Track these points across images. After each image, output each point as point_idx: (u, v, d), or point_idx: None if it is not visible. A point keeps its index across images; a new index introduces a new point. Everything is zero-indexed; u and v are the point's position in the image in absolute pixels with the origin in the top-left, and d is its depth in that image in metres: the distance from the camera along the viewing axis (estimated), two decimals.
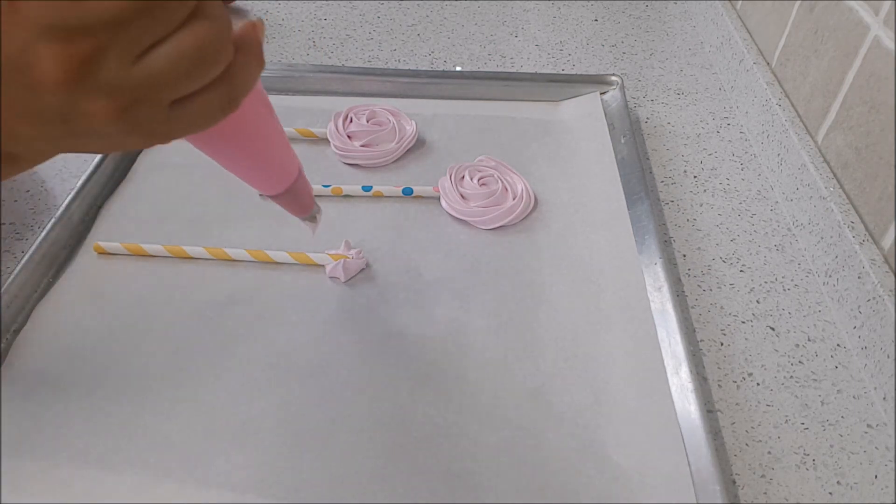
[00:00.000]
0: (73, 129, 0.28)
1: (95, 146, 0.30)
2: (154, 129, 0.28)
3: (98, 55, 0.25)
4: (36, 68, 0.25)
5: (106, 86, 0.26)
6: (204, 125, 0.29)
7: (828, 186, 0.54)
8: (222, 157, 0.37)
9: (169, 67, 0.26)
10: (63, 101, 0.26)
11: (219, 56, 0.27)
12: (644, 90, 0.75)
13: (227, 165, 0.38)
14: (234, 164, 0.38)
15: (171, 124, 0.28)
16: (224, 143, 0.36)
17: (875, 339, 0.47)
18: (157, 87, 0.26)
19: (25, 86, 0.26)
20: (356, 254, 0.52)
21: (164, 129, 0.28)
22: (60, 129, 0.28)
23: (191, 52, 0.26)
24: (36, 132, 0.28)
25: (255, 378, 0.46)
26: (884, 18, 0.50)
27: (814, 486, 0.42)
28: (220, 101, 0.29)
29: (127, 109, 0.27)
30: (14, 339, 0.48)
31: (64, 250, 0.54)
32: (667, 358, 0.46)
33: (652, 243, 0.53)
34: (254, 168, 0.39)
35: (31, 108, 0.27)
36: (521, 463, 0.42)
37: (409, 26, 0.85)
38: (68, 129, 0.28)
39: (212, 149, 0.36)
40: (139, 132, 0.28)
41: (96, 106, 0.26)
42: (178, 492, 0.40)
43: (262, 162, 0.39)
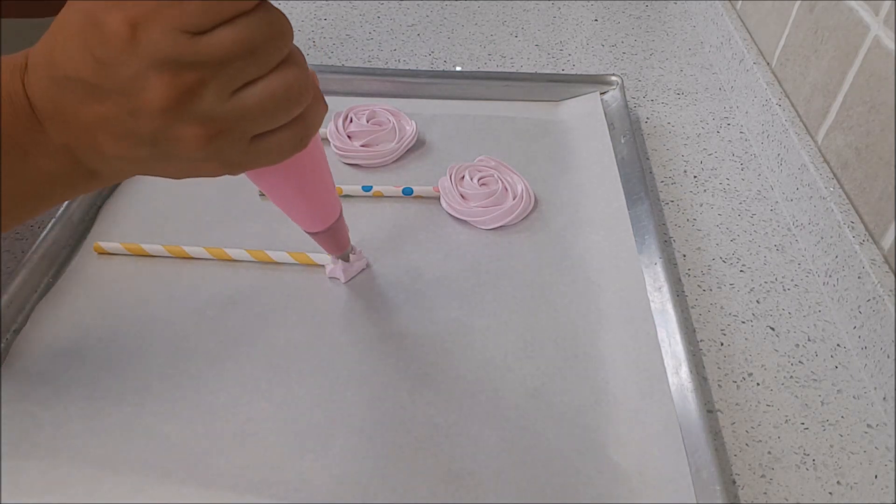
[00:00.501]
0: (160, 152, 0.30)
1: (172, 170, 0.32)
2: (233, 159, 0.31)
3: (200, 88, 0.28)
4: (144, 94, 0.28)
5: (201, 115, 0.28)
6: (276, 160, 0.32)
7: (828, 186, 0.54)
8: (276, 192, 0.40)
9: (259, 105, 0.29)
10: (159, 125, 0.29)
11: (301, 99, 0.30)
12: (644, 90, 0.75)
13: (278, 200, 0.41)
14: (285, 200, 0.41)
15: (249, 156, 0.31)
16: (281, 180, 0.39)
17: (875, 339, 0.47)
18: (245, 121, 0.29)
19: (128, 109, 0.28)
20: (357, 254, 0.52)
21: (242, 160, 0.31)
22: (147, 151, 0.30)
23: (279, 94, 0.29)
24: (123, 152, 0.31)
25: (255, 378, 0.46)
26: (884, 18, 0.50)
27: (814, 486, 0.42)
28: (293, 139, 0.31)
29: (214, 138, 0.29)
30: (14, 339, 0.48)
31: (64, 250, 0.54)
32: (667, 358, 0.46)
33: (652, 243, 0.53)
34: (302, 205, 0.42)
35: (126, 129, 0.29)
36: (521, 463, 0.42)
37: (409, 26, 0.85)
38: (155, 152, 0.30)
39: (268, 183, 0.39)
40: (219, 160, 0.31)
41: (188, 132, 0.29)
42: (178, 492, 0.40)
43: (311, 200, 0.42)
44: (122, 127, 0.29)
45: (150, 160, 0.31)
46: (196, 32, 0.27)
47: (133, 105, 0.28)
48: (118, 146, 0.30)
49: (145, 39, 0.26)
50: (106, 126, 0.29)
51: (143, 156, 0.30)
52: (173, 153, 0.30)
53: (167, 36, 0.26)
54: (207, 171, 0.32)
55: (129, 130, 0.29)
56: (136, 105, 0.28)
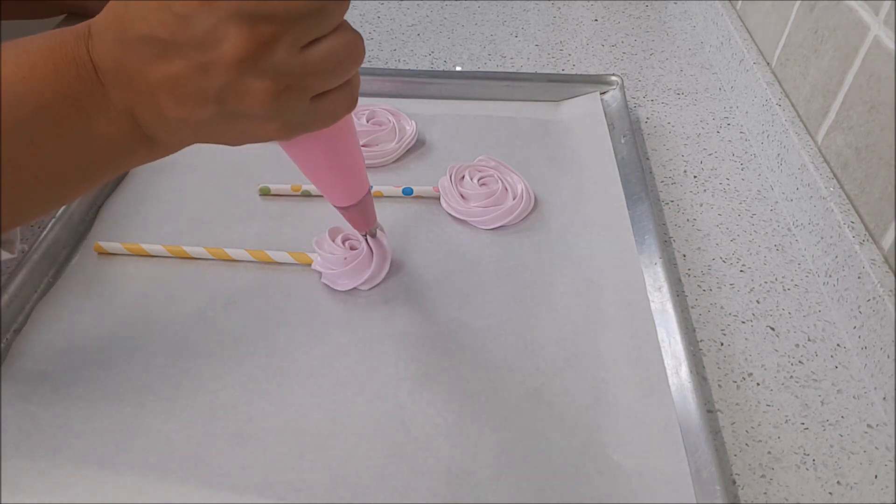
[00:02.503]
0: (224, 111, 0.31)
1: (232, 133, 0.33)
2: (293, 118, 0.32)
3: (273, 42, 0.29)
4: (221, 45, 0.29)
5: (272, 69, 0.30)
6: (329, 121, 0.34)
7: (828, 186, 0.54)
8: (315, 162, 0.41)
9: (324, 61, 0.31)
10: (230, 79, 0.30)
11: (358, 58, 0.32)
12: (644, 90, 0.75)
13: (316, 171, 0.43)
14: (323, 171, 0.43)
15: (308, 115, 0.33)
16: (323, 149, 0.40)
17: (875, 339, 0.47)
18: (311, 77, 0.31)
19: (201, 64, 0.30)
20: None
21: (301, 119, 0.33)
22: (212, 110, 0.31)
23: (342, 50, 0.31)
24: (186, 114, 0.32)
25: (255, 378, 0.46)
26: (884, 18, 0.50)
27: (814, 486, 0.42)
28: (346, 100, 0.34)
29: (281, 94, 0.30)
30: (14, 339, 0.48)
31: (64, 250, 0.54)
32: (667, 358, 0.46)
33: (652, 243, 0.53)
34: (338, 177, 0.43)
35: (194, 87, 0.30)
36: (521, 463, 0.42)
37: (409, 26, 0.85)
38: (219, 111, 0.31)
39: (310, 154, 0.40)
40: (281, 119, 0.32)
41: (258, 86, 0.30)
42: (178, 492, 0.40)
43: (346, 172, 0.43)
44: (190, 86, 0.30)
45: (212, 121, 0.32)
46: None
47: (207, 58, 0.29)
48: (182, 107, 0.31)
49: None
50: (172, 86, 0.30)
51: (205, 116, 0.31)
52: (238, 111, 0.31)
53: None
54: (267, 131, 0.33)
55: (196, 89, 0.30)
56: (210, 58, 0.29)
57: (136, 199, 0.59)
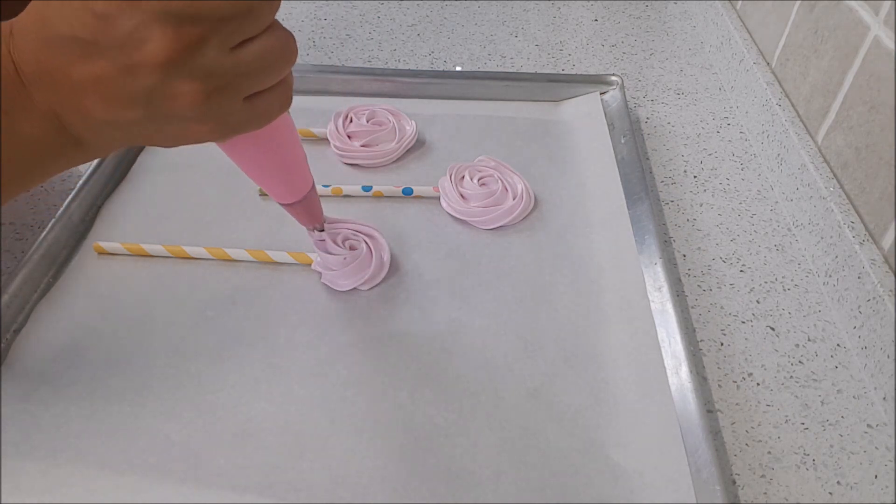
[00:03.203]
0: (154, 112, 0.30)
1: (163, 135, 0.32)
2: (226, 119, 0.31)
3: (201, 43, 0.28)
4: (145, 47, 0.28)
5: (200, 70, 0.29)
6: (264, 121, 0.33)
7: (828, 186, 0.54)
8: (254, 162, 0.41)
9: (256, 61, 0.30)
10: (156, 81, 0.29)
11: (290, 58, 0.31)
12: (644, 90, 0.75)
13: (256, 170, 0.42)
14: (262, 170, 0.42)
15: (241, 116, 0.32)
16: (260, 148, 0.39)
17: (875, 339, 0.47)
18: (243, 78, 0.30)
19: (125, 66, 0.28)
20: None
21: (234, 120, 0.32)
22: (140, 112, 0.30)
23: (275, 51, 0.30)
24: (113, 115, 0.30)
25: (255, 378, 0.46)
26: (884, 18, 0.50)
27: (814, 486, 0.42)
28: (281, 99, 0.33)
29: (211, 95, 0.30)
30: (14, 339, 0.48)
31: (64, 250, 0.54)
32: (667, 358, 0.46)
33: (652, 243, 0.53)
34: (278, 175, 0.43)
35: (119, 89, 0.29)
36: (521, 463, 0.42)
37: (409, 26, 0.85)
38: (148, 113, 0.30)
39: (247, 153, 0.40)
40: (213, 120, 0.31)
41: (186, 88, 0.29)
42: (178, 492, 0.40)
43: (286, 168, 0.42)
44: (114, 86, 0.29)
45: (141, 123, 0.31)
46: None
47: (131, 60, 0.28)
48: (109, 108, 0.30)
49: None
50: (97, 87, 0.29)
51: (134, 118, 0.30)
52: (168, 113, 0.30)
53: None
54: (200, 133, 0.32)
55: (122, 90, 0.29)
56: (134, 60, 0.28)
57: (136, 199, 0.59)
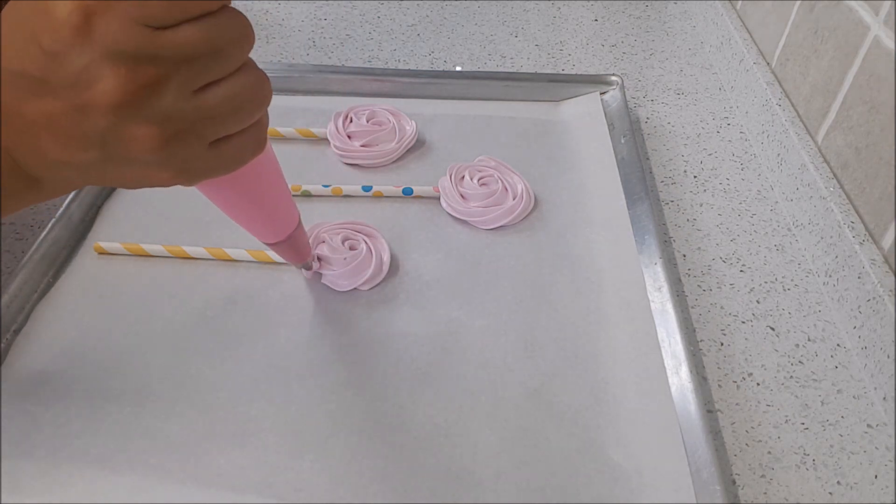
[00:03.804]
0: (110, 154, 0.28)
1: (122, 177, 0.30)
2: (189, 165, 0.29)
3: (159, 85, 0.26)
4: (95, 87, 0.26)
5: (159, 114, 0.26)
6: (233, 167, 0.31)
7: (828, 186, 0.54)
8: (231, 204, 0.38)
9: (221, 106, 0.27)
10: (110, 124, 0.26)
11: (263, 102, 0.29)
12: (644, 90, 0.75)
13: (234, 212, 0.39)
14: (242, 212, 0.39)
15: (206, 163, 0.29)
16: (236, 190, 0.37)
17: (875, 339, 0.47)
18: (206, 122, 0.28)
19: (76, 106, 0.26)
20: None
21: (199, 166, 0.29)
22: (96, 154, 0.28)
23: (244, 94, 0.28)
24: (68, 156, 0.28)
25: (255, 378, 0.46)
26: (884, 18, 0.50)
27: (814, 486, 0.42)
28: (252, 143, 0.30)
29: (170, 140, 0.27)
30: (14, 339, 0.48)
31: (64, 250, 0.54)
32: (667, 358, 0.46)
33: (652, 243, 0.53)
34: (260, 215, 0.40)
35: (73, 129, 0.27)
36: (521, 463, 0.42)
37: (409, 26, 0.85)
38: (104, 155, 0.28)
39: (222, 195, 0.37)
40: (175, 166, 0.29)
41: (143, 132, 0.27)
42: (178, 492, 0.40)
43: (267, 210, 0.40)
44: (68, 126, 0.27)
45: (97, 165, 0.29)
46: (158, 27, 0.25)
47: (82, 100, 0.26)
48: (63, 149, 0.28)
49: (101, 29, 0.25)
50: (51, 126, 0.27)
51: (90, 160, 0.28)
52: (125, 156, 0.28)
53: (126, 27, 0.25)
54: (160, 179, 0.30)
55: (76, 130, 0.27)
56: (85, 100, 0.26)
57: (136, 199, 0.59)
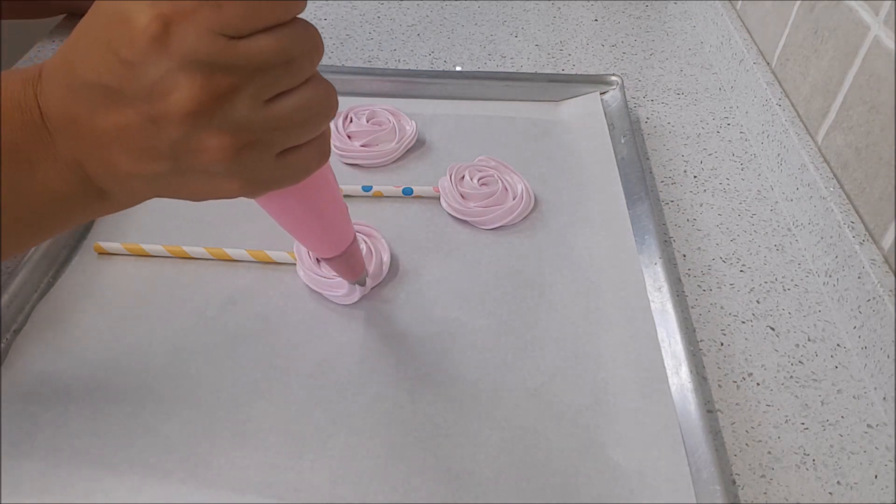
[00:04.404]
0: (180, 166, 0.28)
1: (190, 189, 0.30)
2: (258, 175, 0.29)
3: (233, 94, 0.26)
4: (171, 97, 0.26)
5: (231, 123, 0.27)
6: (299, 178, 0.31)
7: (828, 186, 0.54)
8: (291, 216, 0.39)
9: (292, 115, 0.28)
10: (183, 134, 0.27)
11: (330, 113, 0.30)
12: (644, 90, 0.75)
13: (293, 226, 0.40)
14: (301, 224, 0.40)
15: (274, 173, 0.30)
16: (298, 202, 0.37)
17: (875, 339, 0.47)
18: (276, 132, 0.28)
19: (150, 116, 0.27)
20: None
21: (267, 176, 0.30)
22: (166, 166, 0.28)
23: (312, 105, 0.28)
24: (139, 168, 0.29)
25: (255, 378, 0.46)
26: (884, 18, 0.50)
27: (814, 486, 0.42)
28: (318, 154, 0.31)
29: (241, 151, 0.28)
30: (14, 339, 0.48)
31: (64, 250, 0.54)
32: (667, 358, 0.46)
33: (652, 243, 0.53)
34: (317, 228, 0.40)
35: (145, 141, 0.28)
36: (521, 463, 0.42)
37: (409, 26, 0.85)
38: (174, 167, 0.28)
39: (284, 206, 0.37)
40: (243, 176, 0.29)
41: (214, 142, 0.27)
42: (178, 492, 0.40)
43: (326, 222, 0.40)
44: (140, 138, 0.28)
45: (167, 177, 0.29)
46: (233, 36, 0.26)
47: (157, 110, 0.26)
48: (134, 161, 0.29)
49: (178, 39, 0.25)
50: (123, 138, 0.28)
51: (160, 171, 0.29)
52: (195, 167, 0.28)
53: (203, 36, 0.25)
54: (229, 189, 0.30)
55: (148, 142, 0.28)
56: (160, 110, 0.26)
57: None
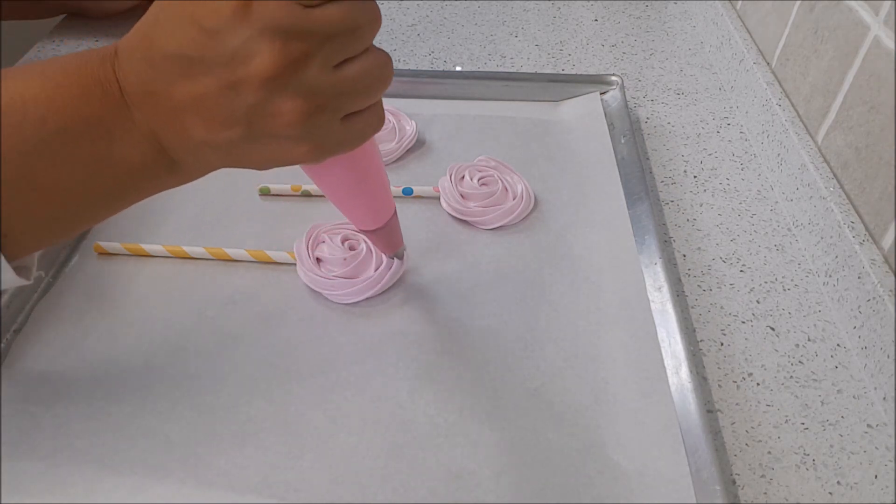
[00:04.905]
0: (253, 132, 0.30)
1: (260, 155, 0.32)
2: (324, 139, 0.31)
3: (306, 59, 0.28)
4: (252, 62, 0.28)
5: (303, 88, 0.29)
6: (359, 141, 0.33)
7: (828, 186, 0.54)
8: (340, 185, 0.40)
9: (356, 80, 0.30)
10: (260, 98, 0.29)
11: (388, 79, 0.32)
12: (644, 90, 0.75)
13: (340, 195, 0.41)
14: (350, 195, 0.41)
15: (339, 136, 0.32)
16: (348, 171, 0.39)
17: (875, 339, 0.47)
18: (342, 97, 0.30)
19: (229, 82, 0.29)
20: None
21: (332, 139, 0.32)
22: (239, 132, 0.30)
23: (373, 71, 0.31)
24: (212, 136, 0.31)
25: (255, 378, 0.46)
26: (884, 18, 0.50)
27: (814, 486, 0.42)
28: (375, 120, 0.33)
29: (312, 115, 0.30)
30: (14, 339, 0.48)
31: (64, 250, 0.54)
32: (667, 358, 0.46)
33: (652, 243, 0.53)
34: (365, 198, 0.42)
35: (221, 108, 0.30)
36: (521, 463, 0.42)
37: (409, 26, 0.85)
38: (247, 133, 0.30)
39: (335, 176, 0.39)
40: (312, 139, 0.31)
41: (289, 105, 0.29)
42: (178, 492, 0.40)
43: (373, 192, 0.42)
44: (217, 105, 0.29)
45: (239, 144, 0.31)
46: (307, 5, 0.28)
47: (237, 76, 0.28)
48: (209, 129, 0.30)
49: (259, 8, 0.27)
50: (199, 107, 0.30)
51: (232, 138, 0.31)
52: (267, 131, 0.30)
53: (281, 5, 0.27)
54: (297, 153, 0.32)
55: (224, 109, 0.30)
56: (240, 76, 0.28)
57: None
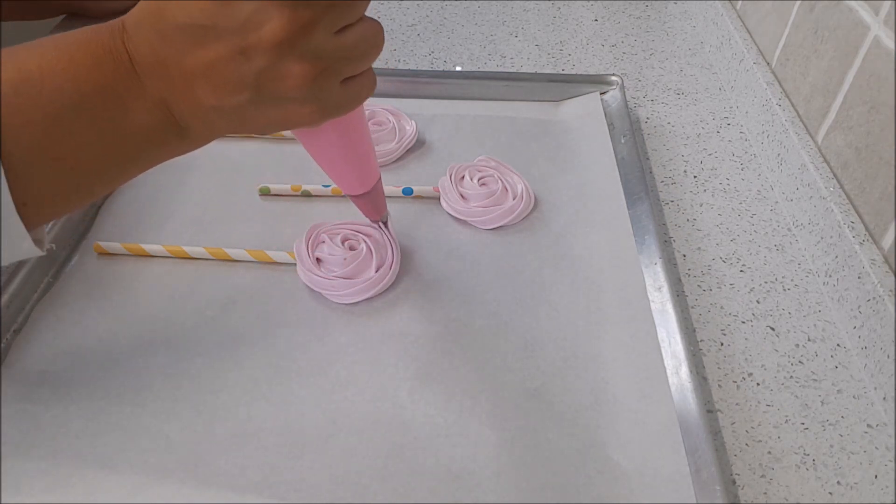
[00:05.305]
0: (261, 95, 0.32)
1: (266, 118, 0.34)
2: (327, 101, 0.34)
3: (312, 25, 0.31)
4: (264, 27, 0.30)
5: (310, 52, 0.31)
6: (356, 104, 0.36)
7: (828, 186, 0.54)
8: (330, 150, 0.42)
9: (355, 45, 0.33)
10: (269, 62, 0.31)
11: (381, 44, 0.34)
12: (644, 90, 0.75)
13: (333, 159, 0.44)
14: (340, 159, 0.44)
15: (339, 98, 0.34)
16: (340, 135, 0.41)
17: (875, 339, 0.47)
18: (343, 60, 0.33)
19: (240, 48, 0.31)
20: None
21: (333, 101, 0.34)
22: (248, 96, 0.32)
23: (369, 37, 0.33)
24: (222, 101, 0.33)
25: (255, 378, 0.46)
26: (884, 18, 0.50)
27: (814, 486, 0.42)
28: (369, 83, 0.35)
29: (317, 77, 0.32)
30: (14, 339, 0.48)
31: (64, 250, 0.54)
32: (667, 358, 0.46)
33: (652, 243, 0.53)
34: (353, 163, 0.44)
35: (231, 73, 0.31)
36: (521, 463, 0.42)
37: (409, 26, 0.85)
38: (255, 97, 0.32)
39: (327, 141, 0.41)
40: (316, 101, 0.33)
41: (297, 69, 0.31)
42: (178, 492, 0.40)
43: (360, 157, 0.44)
44: (227, 71, 0.31)
45: (246, 108, 0.33)
46: None
47: (247, 42, 0.30)
48: (218, 94, 0.32)
49: None
50: (209, 73, 0.32)
51: (241, 102, 0.32)
52: (274, 94, 0.32)
53: None
54: (301, 115, 0.34)
55: (234, 74, 0.31)
56: (250, 42, 0.30)
57: (135, 199, 0.59)
